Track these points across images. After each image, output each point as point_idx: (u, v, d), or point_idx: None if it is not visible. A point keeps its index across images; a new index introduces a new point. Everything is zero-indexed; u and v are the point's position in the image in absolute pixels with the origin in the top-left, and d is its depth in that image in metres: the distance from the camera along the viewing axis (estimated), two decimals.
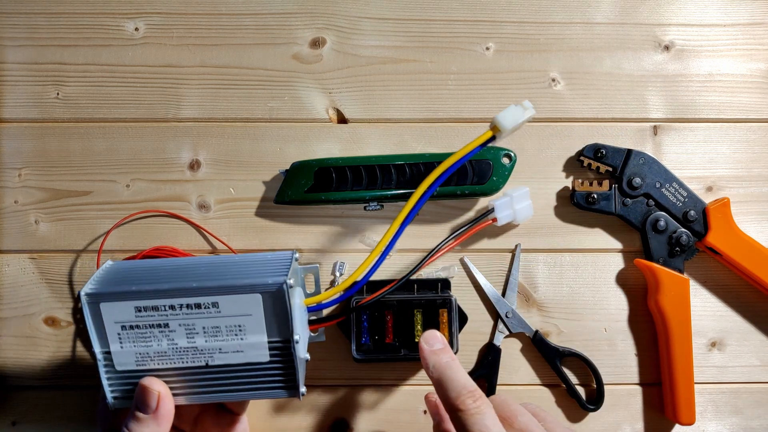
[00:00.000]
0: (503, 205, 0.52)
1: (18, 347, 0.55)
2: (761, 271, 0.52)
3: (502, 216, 0.52)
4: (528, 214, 0.53)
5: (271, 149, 0.55)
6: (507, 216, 0.53)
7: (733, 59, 0.56)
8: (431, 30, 0.56)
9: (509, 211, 0.53)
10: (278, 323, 0.41)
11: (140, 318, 0.41)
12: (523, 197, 0.53)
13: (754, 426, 0.55)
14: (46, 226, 0.55)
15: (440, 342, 0.45)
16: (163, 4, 0.56)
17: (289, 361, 0.42)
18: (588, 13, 0.56)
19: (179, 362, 0.42)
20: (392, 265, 0.55)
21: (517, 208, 0.53)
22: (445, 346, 0.44)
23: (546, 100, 0.56)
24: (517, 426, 0.42)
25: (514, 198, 0.53)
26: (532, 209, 0.53)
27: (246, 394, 0.43)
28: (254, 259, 0.45)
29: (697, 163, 0.55)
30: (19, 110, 0.56)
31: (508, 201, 0.52)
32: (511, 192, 0.53)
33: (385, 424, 0.54)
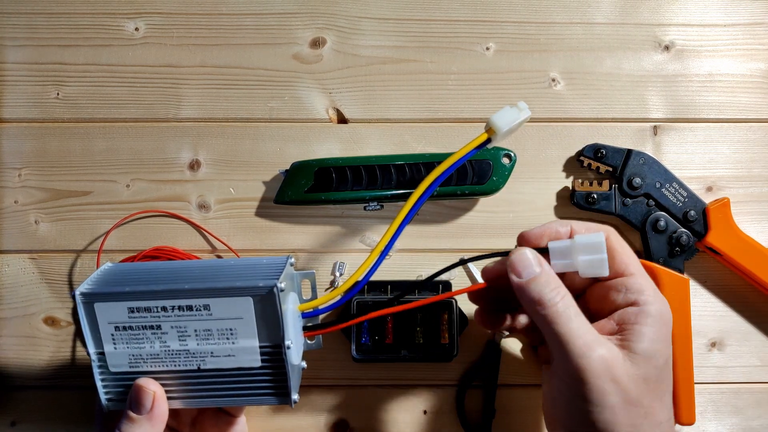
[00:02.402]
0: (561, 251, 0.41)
1: (18, 347, 0.55)
2: (761, 271, 0.52)
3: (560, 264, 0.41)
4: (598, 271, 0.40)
5: (271, 149, 0.55)
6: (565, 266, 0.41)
7: (733, 59, 0.56)
8: (431, 30, 0.56)
9: (567, 261, 0.41)
10: (270, 328, 0.41)
11: (133, 319, 0.41)
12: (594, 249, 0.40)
13: (754, 426, 0.54)
14: (46, 226, 0.55)
15: (538, 266, 0.40)
16: (163, 4, 0.56)
17: (281, 367, 0.42)
18: (588, 13, 0.56)
19: (171, 365, 0.42)
20: (392, 265, 0.55)
21: (580, 259, 0.40)
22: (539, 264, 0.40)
23: (546, 100, 0.56)
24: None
25: (579, 246, 0.40)
26: (605, 266, 0.40)
27: (238, 400, 0.43)
28: (248, 263, 0.45)
29: (697, 163, 0.55)
30: (19, 110, 0.56)
31: (569, 247, 0.40)
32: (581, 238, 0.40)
33: (385, 424, 0.54)
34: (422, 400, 0.54)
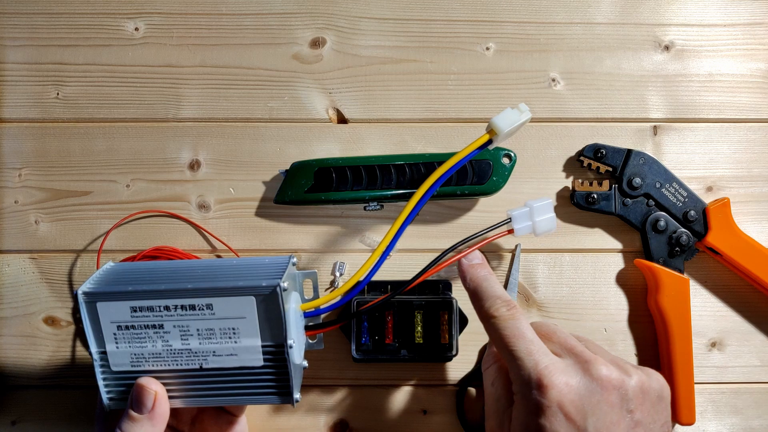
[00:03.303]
0: (521, 216, 0.47)
1: (18, 347, 0.55)
2: (761, 271, 0.52)
3: (520, 228, 0.48)
4: (550, 227, 0.48)
5: (271, 149, 0.55)
6: (525, 228, 0.48)
7: (733, 59, 0.56)
8: (431, 30, 0.56)
9: (528, 223, 0.47)
10: (272, 327, 0.41)
11: (135, 318, 0.41)
12: (545, 209, 0.48)
13: (754, 426, 0.54)
14: (46, 226, 0.55)
15: (479, 258, 0.45)
16: (163, 4, 0.56)
17: (283, 366, 0.42)
18: (588, 13, 0.56)
19: (173, 364, 0.42)
20: (392, 265, 0.55)
21: (537, 220, 0.47)
22: (483, 262, 0.45)
23: (546, 100, 0.56)
24: (555, 340, 0.41)
25: (535, 209, 0.47)
26: (554, 222, 0.48)
27: (239, 399, 0.43)
28: (251, 263, 0.45)
29: (697, 163, 0.55)
30: (19, 110, 0.56)
31: (527, 212, 0.48)
32: (531, 202, 0.48)
33: (385, 424, 0.54)
34: (422, 400, 0.54)
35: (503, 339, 0.40)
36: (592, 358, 0.39)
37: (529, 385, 0.38)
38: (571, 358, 0.39)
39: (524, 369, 0.38)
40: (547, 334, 0.42)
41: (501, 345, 0.40)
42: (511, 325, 0.40)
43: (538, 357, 0.38)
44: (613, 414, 0.37)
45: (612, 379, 0.38)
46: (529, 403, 0.38)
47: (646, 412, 0.38)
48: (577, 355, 0.40)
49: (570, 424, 0.37)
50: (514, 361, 0.39)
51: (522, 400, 0.39)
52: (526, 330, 0.40)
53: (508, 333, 0.40)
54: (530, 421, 0.38)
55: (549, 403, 0.37)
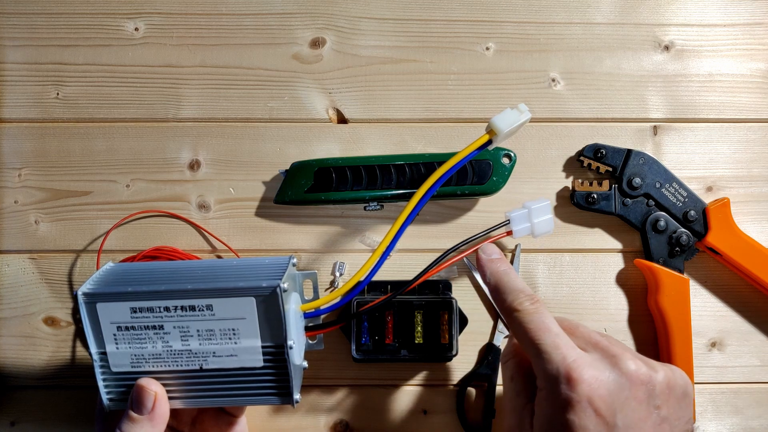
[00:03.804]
0: (520, 217, 0.47)
1: (18, 347, 0.55)
2: (761, 271, 0.52)
3: (519, 229, 0.48)
4: (548, 229, 0.48)
5: (271, 149, 0.55)
6: (524, 230, 0.48)
7: (733, 59, 0.56)
8: (431, 30, 0.56)
9: (527, 225, 0.47)
10: (272, 328, 0.41)
11: (135, 319, 0.41)
12: (543, 210, 0.48)
13: (754, 426, 0.54)
14: (46, 226, 0.55)
15: (497, 253, 0.44)
16: (163, 4, 0.56)
17: (283, 367, 0.42)
18: (588, 14, 0.56)
19: (173, 365, 0.42)
20: (392, 265, 0.55)
21: (535, 221, 0.47)
22: (502, 256, 0.44)
23: (546, 100, 0.56)
24: (578, 334, 0.40)
25: (533, 210, 0.47)
26: (552, 224, 0.48)
27: (240, 400, 0.43)
28: (251, 263, 0.45)
29: (697, 163, 0.55)
30: (19, 110, 0.56)
31: (526, 214, 0.47)
32: (530, 204, 0.48)
33: (385, 424, 0.54)
34: (422, 400, 0.54)
35: (528, 333, 0.39)
36: (619, 353, 0.38)
37: (557, 380, 0.37)
38: (598, 353, 0.38)
39: (552, 363, 0.37)
40: (570, 329, 0.41)
41: (525, 339, 0.39)
42: (536, 318, 0.39)
43: (566, 351, 0.37)
44: (641, 410, 0.37)
45: (640, 374, 0.37)
46: (557, 397, 0.37)
47: (672, 409, 0.38)
48: (604, 350, 0.39)
49: (599, 419, 0.36)
50: (541, 354, 0.38)
51: (548, 395, 0.37)
52: (551, 323, 0.39)
53: (533, 326, 0.39)
54: (557, 416, 0.36)
55: (579, 398, 0.36)
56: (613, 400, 0.36)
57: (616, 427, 0.36)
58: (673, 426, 0.37)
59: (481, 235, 0.47)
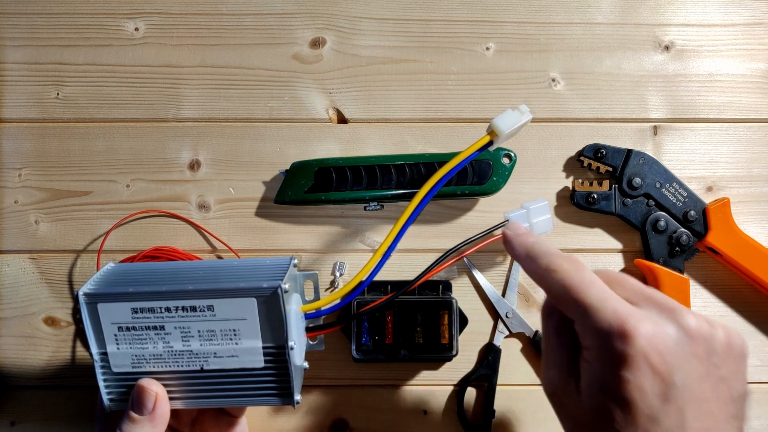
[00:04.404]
0: (519, 218, 0.48)
1: (18, 347, 0.55)
2: (761, 271, 0.52)
3: None
4: (546, 229, 0.49)
5: (271, 149, 0.55)
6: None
7: (733, 59, 0.56)
8: (431, 30, 0.56)
9: (525, 225, 0.48)
10: (273, 329, 0.41)
11: (136, 319, 0.41)
12: (542, 210, 0.48)
13: (754, 426, 0.54)
14: (46, 226, 0.55)
15: (523, 228, 0.41)
16: (163, 4, 0.56)
17: (284, 368, 0.42)
18: (588, 14, 0.56)
19: (174, 365, 0.42)
20: (392, 265, 0.55)
21: (534, 221, 0.48)
22: (528, 231, 0.41)
23: (546, 100, 0.56)
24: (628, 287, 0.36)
25: (532, 211, 0.48)
26: (551, 224, 0.49)
27: (240, 400, 0.43)
28: (252, 264, 0.45)
29: (697, 163, 0.55)
30: (19, 110, 0.56)
31: (524, 214, 0.48)
32: (528, 204, 0.48)
33: (385, 424, 0.54)
34: (422, 400, 0.54)
35: (570, 290, 0.35)
36: (677, 307, 0.35)
37: (610, 335, 0.33)
38: (652, 306, 0.35)
39: (602, 317, 0.33)
40: (619, 281, 0.37)
41: (568, 298, 0.35)
42: (577, 275, 0.35)
43: (617, 304, 0.34)
44: (700, 368, 0.33)
45: (701, 330, 0.34)
46: (610, 354, 0.33)
47: (731, 369, 0.35)
48: (659, 303, 0.35)
49: (656, 377, 0.32)
50: (588, 310, 0.34)
51: (599, 353, 0.34)
52: (595, 278, 0.35)
53: (576, 283, 0.35)
54: (609, 373, 0.33)
55: (634, 353, 0.32)
56: (672, 357, 0.33)
57: (673, 385, 0.32)
58: (731, 387, 0.35)
59: (481, 235, 0.47)
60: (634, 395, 0.32)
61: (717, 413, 0.34)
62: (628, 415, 0.32)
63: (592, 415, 0.34)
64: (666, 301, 0.35)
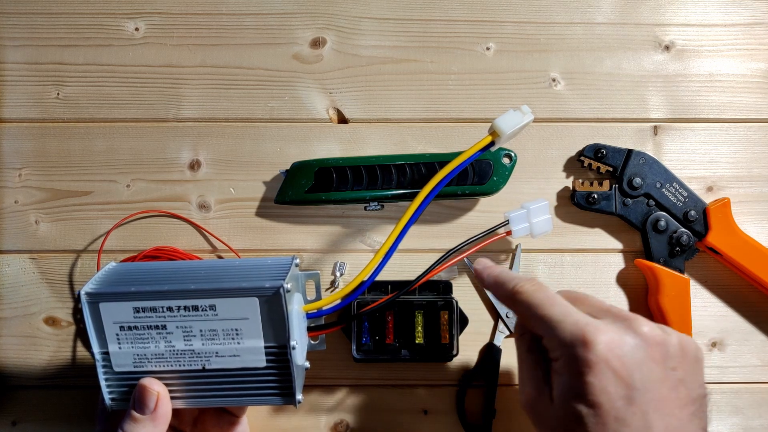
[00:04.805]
0: (519, 218, 0.49)
1: (18, 347, 0.55)
2: (761, 271, 0.52)
3: (518, 229, 0.49)
4: (546, 228, 0.50)
5: (272, 149, 0.55)
6: (523, 230, 0.50)
7: (733, 59, 0.56)
8: (431, 30, 0.56)
9: (525, 225, 0.49)
10: (275, 328, 0.41)
11: (138, 319, 0.41)
12: (542, 210, 0.50)
13: (755, 426, 0.55)
14: (47, 226, 0.55)
15: (490, 262, 0.45)
16: (163, 4, 0.56)
17: (286, 367, 0.42)
18: (588, 14, 0.56)
19: (176, 365, 0.42)
20: (393, 265, 0.55)
21: (534, 221, 0.49)
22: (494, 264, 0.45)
23: (546, 100, 0.56)
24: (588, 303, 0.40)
25: (531, 211, 0.49)
26: (551, 224, 0.50)
27: (242, 400, 0.43)
28: (254, 264, 0.45)
29: (698, 163, 0.55)
30: (19, 110, 0.56)
31: (524, 214, 0.49)
32: (528, 204, 0.50)
33: (385, 424, 0.54)
34: (422, 400, 0.54)
35: (535, 308, 0.39)
36: (631, 317, 0.38)
37: (573, 345, 0.36)
38: (609, 318, 0.38)
39: (565, 330, 0.37)
40: (578, 299, 0.41)
41: (534, 315, 0.39)
42: (540, 295, 0.39)
43: (577, 317, 0.37)
44: (658, 371, 0.36)
45: (655, 335, 0.37)
46: (574, 362, 0.36)
47: (687, 371, 0.37)
48: (616, 315, 0.38)
49: (618, 380, 0.35)
50: (552, 325, 0.38)
51: (565, 362, 0.37)
52: (556, 297, 0.39)
53: (539, 302, 0.39)
54: (576, 381, 0.36)
55: (596, 359, 0.35)
56: (630, 361, 0.36)
57: (634, 387, 0.35)
58: (689, 389, 0.37)
59: (482, 235, 0.47)
60: (600, 398, 0.35)
61: (678, 413, 0.36)
62: (597, 418, 0.35)
63: (565, 421, 0.37)
64: (622, 313, 0.39)
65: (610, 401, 0.35)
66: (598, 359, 0.35)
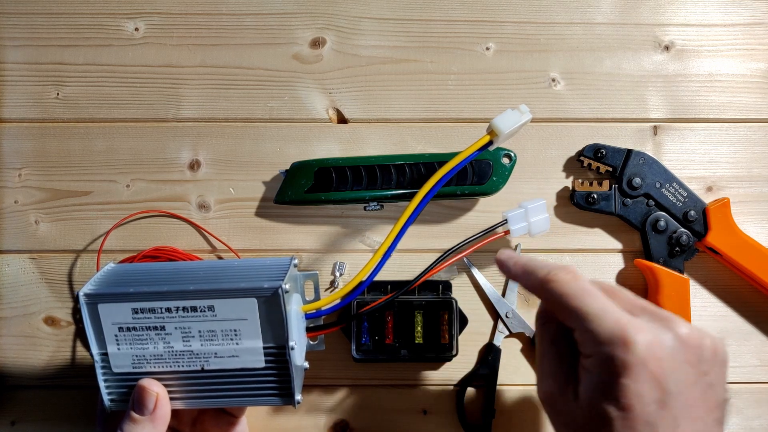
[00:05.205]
0: (517, 217, 0.49)
1: (18, 347, 0.55)
2: (761, 271, 0.52)
3: (516, 228, 0.50)
4: (544, 228, 0.50)
5: (271, 149, 0.55)
6: (521, 229, 0.50)
7: (733, 59, 0.56)
8: (431, 30, 0.56)
9: (524, 224, 0.50)
10: (274, 329, 0.41)
11: (137, 320, 0.41)
12: (539, 210, 0.50)
13: (754, 426, 0.55)
14: (46, 226, 0.55)
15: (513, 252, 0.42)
16: (163, 4, 0.56)
17: (285, 368, 0.42)
18: (588, 14, 0.56)
19: (175, 366, 0.42)
20: (392, 265, 0.55)
21: (532, 220, 0.50)
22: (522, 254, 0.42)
23: (546, 100, 0.56)
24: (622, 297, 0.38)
25: (529, 210, 0.50)
26: (548, 223, 0.50)
27: (241, 400, 0.43)
28: (252, 264, 0.45)
29: (697, 163, 0.55)
30: (19, 110, 0.56)
31: (523, 213, 0.50)
32: (526, 203, 0.50)
33: (385, 424, 0.54)
34: (422, 400, 0.54)
35: (570, 300, 0.37)
36: (669, 316, 0.37)
37: (611, 344, 0.34)
38: (647, 316, 0.37)
39: (604, 327, 0.35)
40: (612, 292, 0.39)
41: (568, 306, 0.37)
42: (576, 285, 0.37)
43: (617, 314, 0.35)
44: (691, 375, 0.35)
45: (692, 337, 0.36)
46: (610, 362, 0.34)
47: (717, 375, 0.36)
48: (653, 313, 0.37)
49: (654, 383, 0.34)
50: (589, 319, 0.36)
51: (600, 361, 0.35)
52: (594, 288, 0.37)
53: (576, 293, 0.37)
54: (609, 382, 0.34)
55: (635, 361, 0.34)
56: (668, 364, 0.34)
57: (669, 391, 0.34)
58: (717, 393, 0.36)
59: (480, 234, 0.47)
60: (633, 401, 0.34)
61: (705, 418, 0.35)
62: (626, 421, 0.34)
63: (590, 421, 0.35)
64: (660, 311, 0.37)
65: (642, 405, 0.34)
66: (637, 361, 0.34)
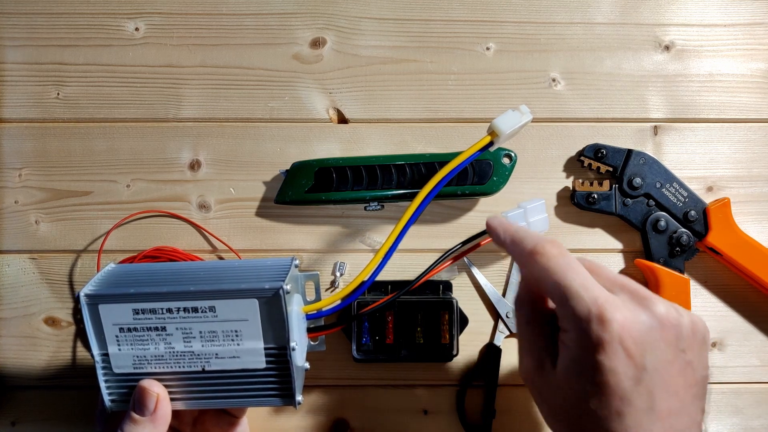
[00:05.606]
0: (516, 217, 0.49)
1: (18, 347, 0.55)
2: (761, 271, 0.52)
3: None
4: (543, 227, 0.50)
5: (272, 149, 0.55)
6: None
7: (733, 59, 0.56)
8: (431, 30, 0.56)
9: (523, 224, 0.49)
10: (275, 330, 0.41)
11: (138, 321, 0.41)
12: (538, 210, 0.49)
13: (755, 426, 0.55)
14: (47, 226, 0.55)
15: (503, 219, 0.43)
16: (163, 4, 0.56)
17: (286, 368, 0.42)
18: (588, 14, 0.56)
19: (176, 366, 0.42)
20: (392, 265, 0.55)
21: (531, 221, 0.49)
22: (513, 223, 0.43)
23: (546, 100, 0.56)
24: (603, 274, 0.39)
25: (528, 210, 0.49)
26: (547, 223, 0.50)
27: (242, 401, 0.43)
28: (253, 265, 0.45)
29: (698, 163, 0.55)
30: (19, 110, 0.56)
31: (522, 213, 0.49)
32: (525, 204, 0.49)
33: (386, 424, 0.54)
34: (422, 400, 0.54)
35: (554, 274, 0.37)
36: (648, 295, 0.37)
37: (588, 320, 0.35)
38: (626, 294, 0.37)
39: (582, 303, 0.36)
40: (594, 269, 0.39)
41: (550, 281, 0.37)
42: (562, 261, 0.37)
43: (596, 291, 0.36)
44: (669, 352, 0.36)
45: (670, 316, 0.36)
46: (587, 338, 0.35)
47: (695, 353, 0.37)
48: (632, 292, 0.37)
49: (629, 360, 0.35)
50: (569, 295, 0.36)
51: (577, 336, 0.36)
52: (577, 265, 0.37)
53: (559, 268, 0.37)
54: (585, 357, 0.35)
55: (610, 338, 0.34)
56: (643, 342, 0.35)
57: (644, 369, 0.35)
58: (695, 371, 0.37)
59: (482, 234, 0.47)
60: (608, 378, 0.35)
61: (683, 394, 0.36)
62: (602, 396, 0.35)
63: (567, 396, 0.36)
64: (639, 289, 0.38)
65: (617, 381, 0.35)
66: (613, 339, 0.34)
